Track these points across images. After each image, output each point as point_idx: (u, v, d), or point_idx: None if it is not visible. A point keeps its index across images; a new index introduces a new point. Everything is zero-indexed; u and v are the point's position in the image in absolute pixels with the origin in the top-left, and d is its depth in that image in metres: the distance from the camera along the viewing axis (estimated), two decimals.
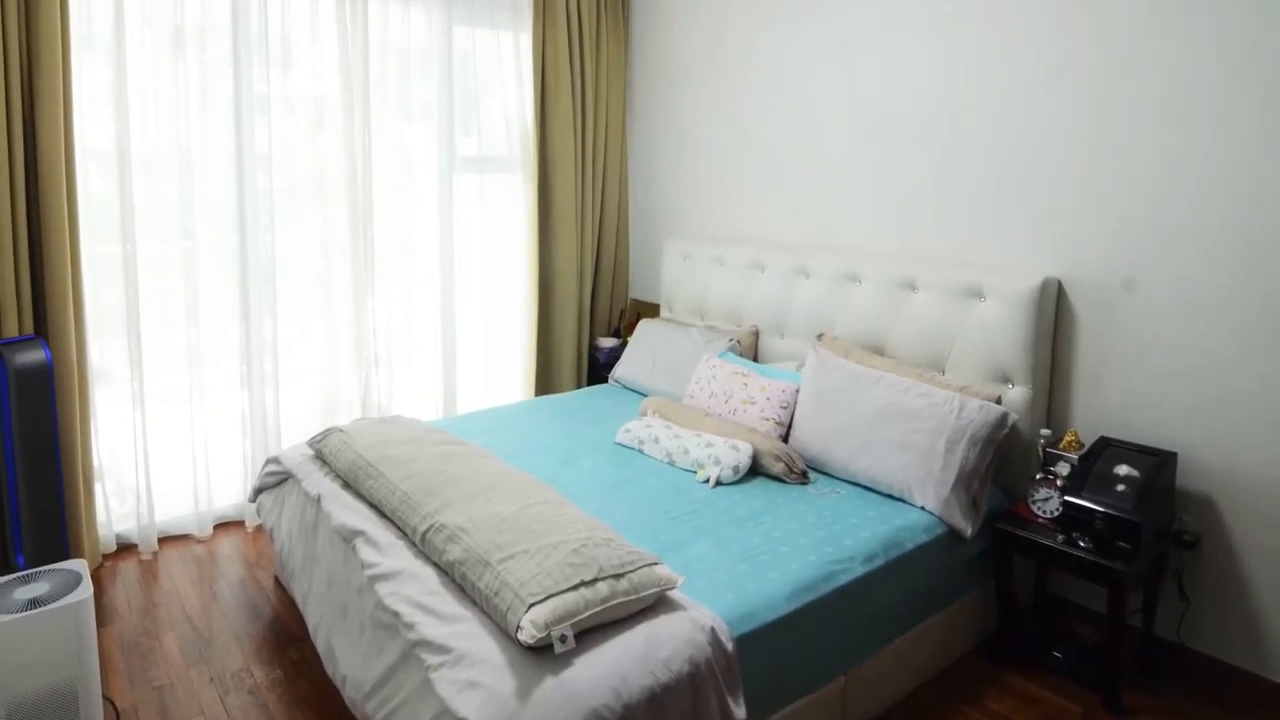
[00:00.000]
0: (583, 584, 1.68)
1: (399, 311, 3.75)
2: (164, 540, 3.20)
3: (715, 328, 3.56)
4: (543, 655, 1.60)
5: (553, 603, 1.63)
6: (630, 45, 4.29)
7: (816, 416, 2.73)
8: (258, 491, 2.84)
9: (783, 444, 2.71)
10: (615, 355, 4.13)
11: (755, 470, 2.65)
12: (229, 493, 3.37)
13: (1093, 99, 2.48)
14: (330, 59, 3.39)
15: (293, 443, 3.41)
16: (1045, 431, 2.51)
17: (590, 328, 4.34)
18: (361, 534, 2.13)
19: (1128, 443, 2.40)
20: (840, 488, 2.57)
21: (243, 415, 3.36)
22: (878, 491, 2.53)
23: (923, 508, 2.40)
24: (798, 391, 2.87)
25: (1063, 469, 2.39)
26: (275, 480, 2.76)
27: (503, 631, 1.66)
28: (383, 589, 1.90)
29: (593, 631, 1.67)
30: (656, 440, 2.82)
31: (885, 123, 3.07)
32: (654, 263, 4.31)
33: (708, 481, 2.56)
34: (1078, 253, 2.55)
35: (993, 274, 2.66)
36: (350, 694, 1.90)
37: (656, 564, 1.82)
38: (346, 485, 2.43)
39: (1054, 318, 2.60)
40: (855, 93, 3.17)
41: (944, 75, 2.86)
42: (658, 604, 1.79)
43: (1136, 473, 2.23)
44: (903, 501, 2.46)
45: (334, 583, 2.16)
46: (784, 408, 2.86)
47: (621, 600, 1.70)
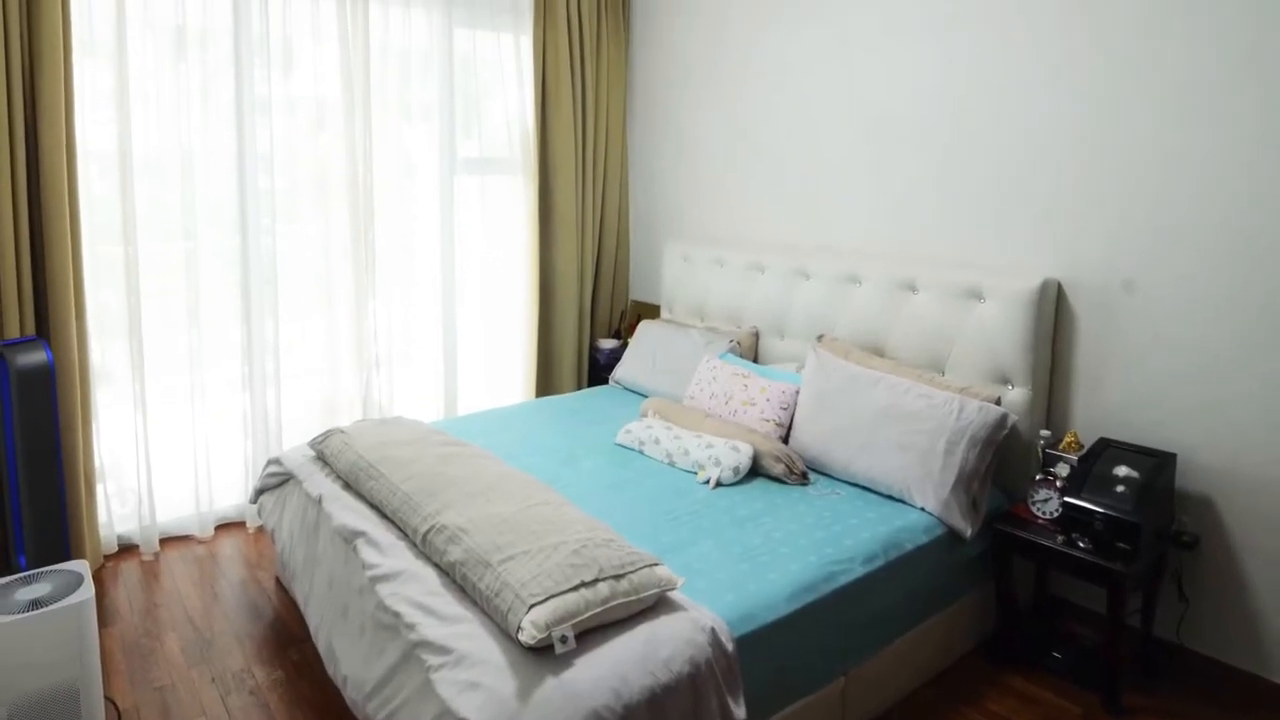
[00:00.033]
0: (583, 585, 1.69)
1: (400, 312, 3.76)
2: (165, 541, 3.21)
3: (715, 329, 3.57)
4: (543, 656, 1.60)
5: (553, 603, 1.63)
6: (631, 47, 4.30)
7: (816, 417, 2.73)
8: (259, 492, 2.85)
9: (783, 445, 2.72)
10: (616, 356, 4.13)
11: (755, 471, 2.66)
12: (230, 494, 3.38)
13: (1093, 99, 2.49)
14: (331, 61, 3.40)
15: (294, 444, 3.42)
16: (1045, 432, 2.52)
17: (591, 329, 4.34)
18: (362, 535, 2.13)
19: (1127, 444, 2.40)
20: (840, 489, 2.58)
21: (244, 416, 3.37)
22: (878, 492, 2.53)
23: (922, 509, 2.40)
24: (798, 393, 2.87)
25: (1062, 470, 2.40)
26: (276, 481, 2.76)
27: (503, 632, 1.67)
28: (384, 590, 1.91)
29: (593, 632, 1.67)
30: (657, 441, 2.82)
31: (885, 123, 3.07)
32: (654, 264, 4.31)
33: (708, 482, 2.56)
34: (1077, 253, 2.56)
35: (992, 275, 2.66)
36: (351, 694, 1.90)
37: (657, 565, 1.83)
38: (347, 486, 2.44)
39: (1054, 319, 2.60)
40: (855, 93, 3.17)
41: (944, 75, 2.86)
42: (658, 605, 1.79)
43: (1136, 474, 2.23)
44: (902, 502, 2.46)
45: (335, 583, 2.16)
46: (784, 409, 2.86)
47: (622, 601, 1.71)
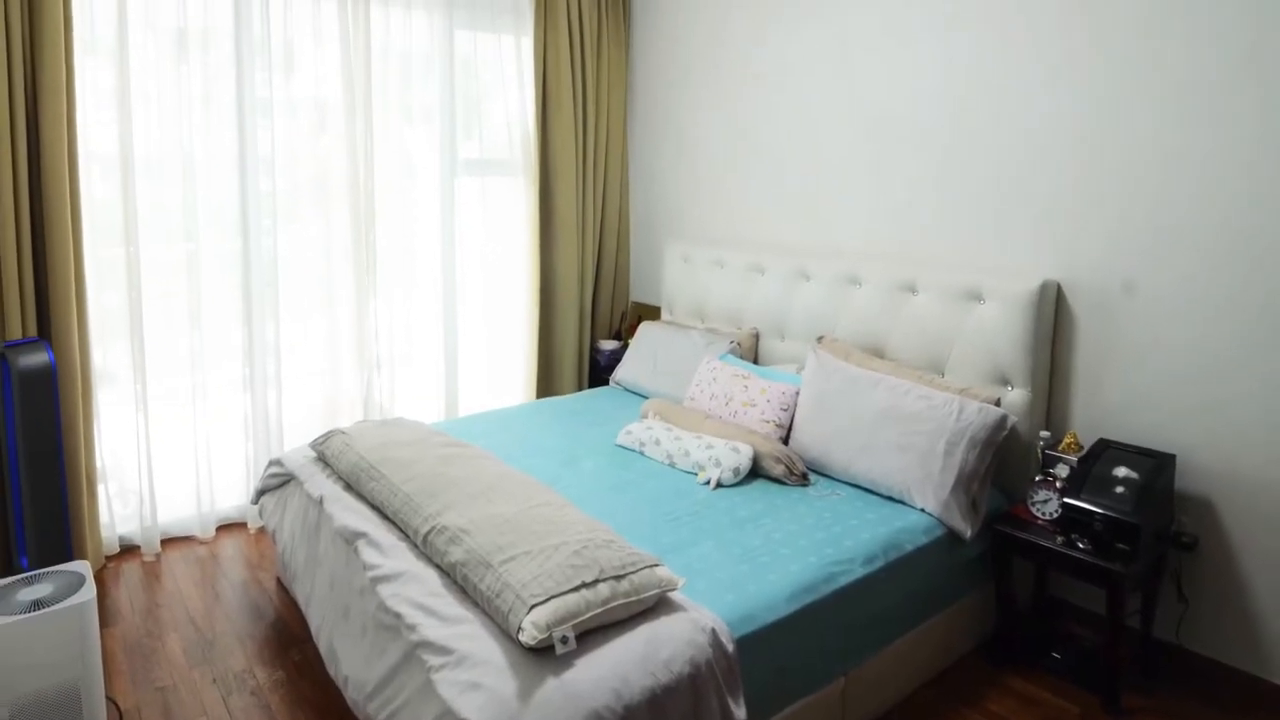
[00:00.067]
0: (584, 585, 1.69)
1: (401, 314, 3.77)
2: (167, 542, 3.21)
3: (716, 330, 3.57)
4: (544, 656, 1.60)
5: (554, 604, 1.64)
6: (631, 49, 4.30)
7: (816, 419, 2.73)
8: (260, 493, 2.85)
9: (783, 446, 2.72)
10: (616, 357, 4.13)
11: (756, 472, 2.66)
12: (231, 494, 3.39)
13: (1093, 99, 2.49)
14: (332, 62, 3.40)
15: (295, 445, 3.42)
16: (1044, 433, 2.52)
17: (591, 330, 4.35)
18: (363, 536, 2.14)
19: (1127, 445, 2.40)
20: (840, 489, 2.58)
21: (245, 417, 3.37)
22: (877, 493, 2.54)
23: (922, 509, 2.41)
24: (798, 394, 2.87)
25: (1062, 471, 2.40)
26: (278, 482, 2.77)
27: (504, 633, 1.67)
28: (385, 590, 1.91)
29: (594, 633, 1.68)
30: (657, 442, 2.82)
31: (885, 123, 3.07)
32: (655, 265, 4.32)
33: (708, 483, 2.56)
34: (1077, 255, 2.56)
35: (992, 276, 2.66)
36: (352, 695, 1.91)
37: (657, 565, 1.83)
38: (349, 487, 2.44)
39: (1053, 320, 2.60)
40: (855, 93, 3.18)
41: (944, 76, 2.87)
42: (658, 605, 1.80)
43: (1135, 475, 2.23)
44: (902, 503, 2.46)
45: (336, 584, 2.17)
46: (784, 410, 2.86)
47: (622, 601, 1.71)
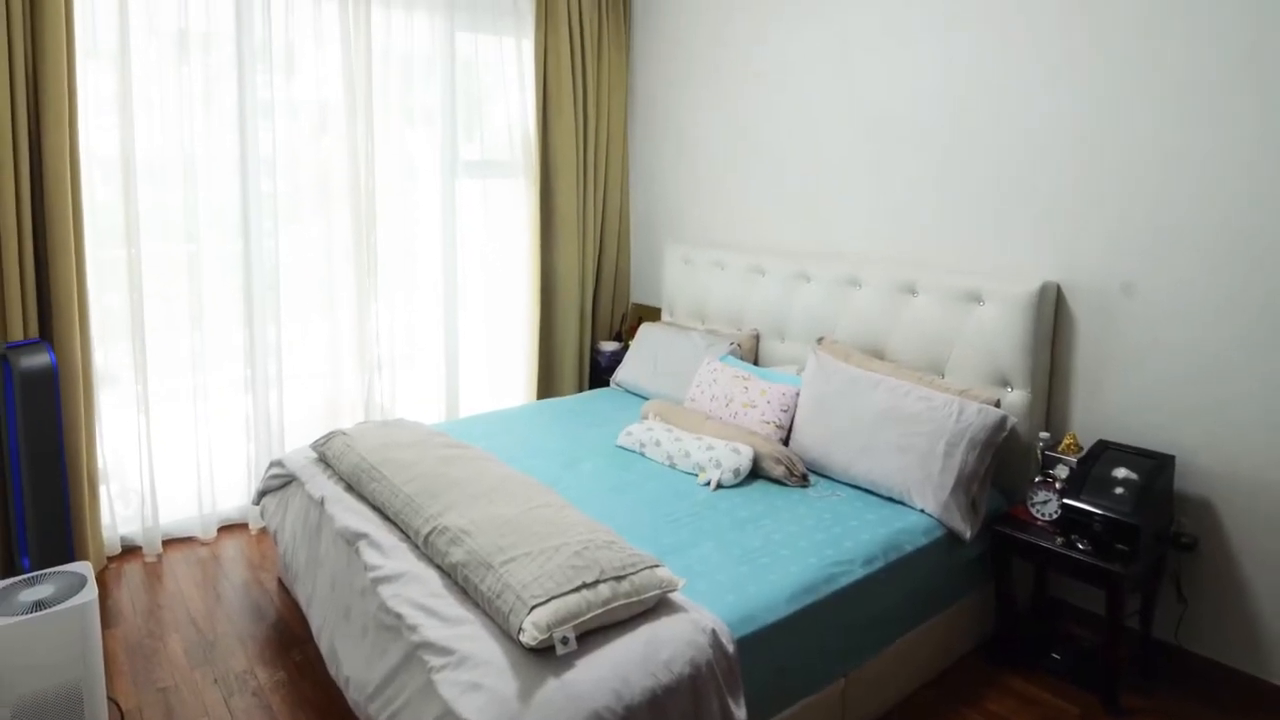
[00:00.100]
0: (584, 586, 1.70)
1: (402, 315, 3.77)
2: (168, 543, 3.22)
3: (716, 331, 3.58)
4: (545, 657, 1.61)
5: (555, 605, 1.64)
6: (631, 50, 4.31)
7: (817, 420, 2.74)
8: (261, 494, 2.85)
9: (783, 447, 2.73)
10: (617, 359, 4.13)
11: (756, 473, 2.66)
12: (233, 495, 3.39)
13: (1093, 99, 2.49)
14: (333, 64, 3.41)
15: (296, 446, 3.42)
16: (1044, 434, 2.52)
17: (592, 331, 4.35)
18: (364, 536, 2.14)
19: (1126, 446, 2.41)
20: (840, 490, 2.58)
21: (246, 418, 3.37)
22: (877, 494, 2.54)
23: (922, 510, 2.41)
24: (798, 395, 2.88)
25: (1061, 472, 2.40)
26: (279, 483, 2.77)
27: (505, 633, 1.67)
28: (386, 591, 1.91)
29: (594, 633, 1.68)
30: (658, 443, 2.83)
31: (885, 123, 3.08)
32: (655, 267, 4.32)
33: (709, 484, 2.57)
34: (1077, 256, 2.56)
35: (992, 278, 2.66)
36: (353, 695, 1.91)
37: (658, 566, 1.83)
38: (350, 488, 2.44)
39: (1053, 321, 2.61)
40: (855, 93, 3.18)
41: (944, 76, 2.87)
42: (659, 606, 1.80)
43: (1135, 475, 2.24)
44: (902, 504, 2.47)
45: (337, 585, 2.17)
46: (784, 411, 2.87)
47: (623, 602, 1.71)
